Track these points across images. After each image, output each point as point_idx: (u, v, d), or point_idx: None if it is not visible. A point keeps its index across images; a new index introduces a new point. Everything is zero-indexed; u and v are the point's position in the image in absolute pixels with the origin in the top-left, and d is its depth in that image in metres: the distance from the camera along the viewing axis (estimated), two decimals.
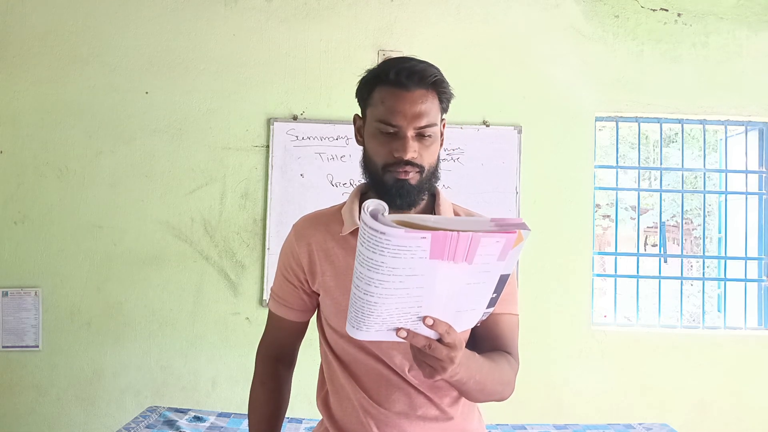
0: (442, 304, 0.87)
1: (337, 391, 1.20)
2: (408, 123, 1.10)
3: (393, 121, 1.10)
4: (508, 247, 0.81)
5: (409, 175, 1.12)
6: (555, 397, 2.81)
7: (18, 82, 2.78)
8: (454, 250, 0.77)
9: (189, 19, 2.82)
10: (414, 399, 1.14)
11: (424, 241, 0.75)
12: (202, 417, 2.20)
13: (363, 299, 0.82)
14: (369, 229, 0.74)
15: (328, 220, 1.22)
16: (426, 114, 1.11)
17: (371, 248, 0.75)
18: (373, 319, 0.85)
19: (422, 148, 1.12)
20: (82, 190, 2.78)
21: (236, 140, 2.82)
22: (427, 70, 1.13)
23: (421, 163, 1.12)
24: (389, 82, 1.11)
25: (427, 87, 1.12)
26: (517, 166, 2.83)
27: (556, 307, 2.80)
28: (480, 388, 1.04)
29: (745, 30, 2.92)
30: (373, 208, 0.75)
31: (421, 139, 1.12)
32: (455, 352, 0.90)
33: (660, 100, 2.90)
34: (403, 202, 1.14)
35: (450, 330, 0.89)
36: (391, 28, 2.85)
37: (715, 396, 2.83)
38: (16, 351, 2.75)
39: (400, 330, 0.87)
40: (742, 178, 3.05)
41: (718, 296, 3.16)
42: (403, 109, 1.10)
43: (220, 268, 2.80)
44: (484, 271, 0.84)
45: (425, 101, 1.11)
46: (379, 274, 0.78)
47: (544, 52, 2.88)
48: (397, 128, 1.11)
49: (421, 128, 1.11)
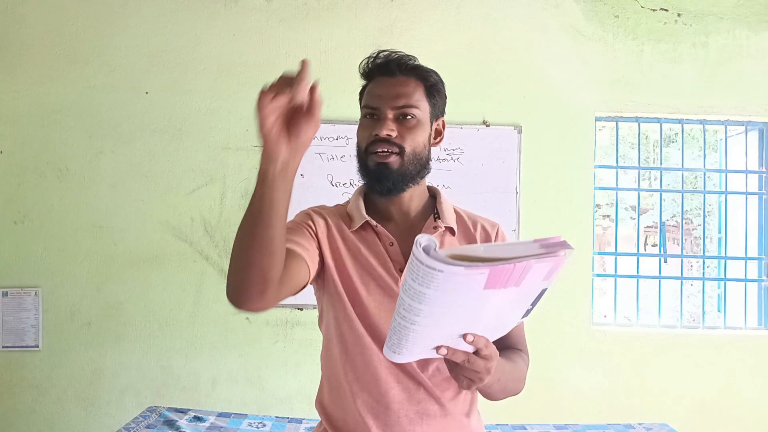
0: (483, 322, 0.87)
1: (335, 390, 1.19)
2: (385, 103, 1.15)
3: (372, 104, 1.17)
4: (555, 269, 0.81)
5: (390, 158, 1.14)
6: (555, 397, 2.81)
7: (18, 82, 2.78)
8: (508, 278, 0.77)
9: (189, 19, 2.82)
10: (413, 394, 1.14)
11: (482, 276, 0.73)
12: (202, 417, 2.21)
13: (408, 328, 0.81)
14: (424, 267, 0.72)
15: (335, 214, 1.24)
16: (405, 96, 1.15)
17: (425, 284, 0.73)
18: (416, 344, 0.85)
19: (402, 129, 1.15)
20: (82, 190, 2.78)
21: (236, 140, 2.82)
22: (407, 57, 1.19)
23: (400, 143, 1.14)
24: (377, 74, 1.19)
25: (409, 74, 1.18)
26: (517, 166, 2.83)
27: (556, 307, 2.80)
28: (502, 387, 1.10)
29: (745, 30, 2.92)
30: (426, 243, 0.73)
31: (402, 121, 1.15)
32: (491, 363, 0.93)
33: (660, 100, 2.90)
34: (383, 186, 1.17)
35: (488, 343, 0.91)
36: (391, 28, 2.85)
37: (715, 396, 2.83)
38: (16, 351, 2.75)
39: (441, 348, 0.88)
40: (742, 178, 3.05)
41: (718, 296, 3.16)
42: (382, 92, 1.16)
43: (220, 268, 2.80)
44: (529, 291, 0.85)
45: (406, 85, 1.16)
46: (431, 307, 0.77)
47: (544, 52, 2.88)
48: (376, 110, 1.16)
49: (398, 108, 1.15)
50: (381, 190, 1.18)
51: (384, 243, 1.19)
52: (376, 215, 1.21)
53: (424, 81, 1.18)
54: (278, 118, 0.83)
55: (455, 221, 1.24)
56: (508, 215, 2.80)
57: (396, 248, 1.19)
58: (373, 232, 1.20)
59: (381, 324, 1.13)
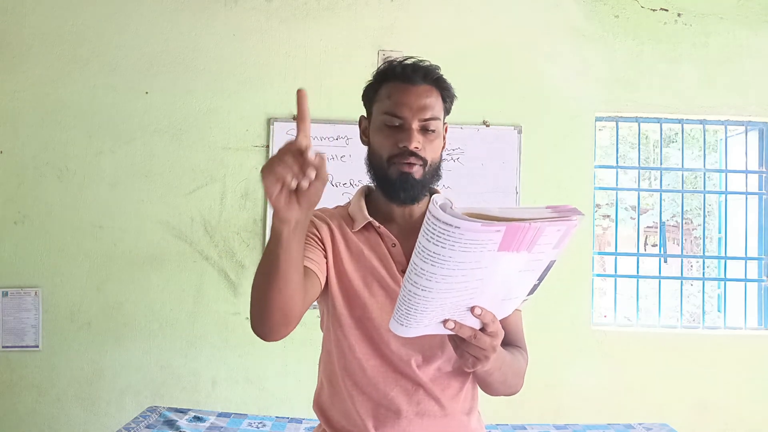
0: (492, 293, 0.86)
1: (334, 392, 1.19)
2: (413, 115, 1.13)
3: (399, 113, 1.14)
4: (566, 235, 0.80)
5: (413, 168, 1.13)
6: (555, 397, 2.81)
7: (18, 82, 2.78)
8: (521, 240, 0.76)
9: (189, 19, 2.82)
10: (413, 396, 1.14)
11: (497, 233, 0.73)
12: (202, 417, 2.21)
13: (418, 296, 0.80)
14: (441, 224, 0.71)
15: (336, 217, 1.23)
16: (430, 108, 1.15)
17: (440, 243, 0.73)
18: (425, 315, 0.83)
19: (426, 142, 1.14)
20: (82, 190, 2.78)
21: (236, 140, 2.81)
22: (431, 67, 1.18)
23: (424, 156, 1.14)
24: (396, 77, 1.16)
25: (431, 83, 1.17)
26: (517, 166, 2.83)
27: (556, 307, 2.80)
28: (503, 379, 1.10)
29: (745, 30, 2.92)
30: (442, 202, 0.73)
31: (425, 133, 1.15)
32: (497, 341, 0.93)
33: (660, 100, 2.90)
34: (406, 195, 1.16)
35: (495, 319, 0.91)
36: (391, 28, 2.85)
37: (715, 396, 2.83)
38: (16, 351, 2.75)
39: (448, 321, 0.87)
40: (742, 178, 3.05)
41: (718, 296, 3.16)
42: (408, 101, 1.14)
43: (220, 268, 2.80)
44: (538, 259, 0.84)
45: (430, 96, 1.15)
46: (444, 269, 0.76)
47: (544, 52, 2.88)
48: (402, 120, 1.14)
49: (425, 120, 1.14)
50: (404, 200, 1.17)
51: (386, 244, 1.19)
52: (378, 216, 1.21)
53: (443, 90, 1.19)
54: (285, 187, 0.82)
55: None
56: None
57: (398, 249, 1.18)
58: (376, 233, 1.20)
59: (383, 325, 1.13)
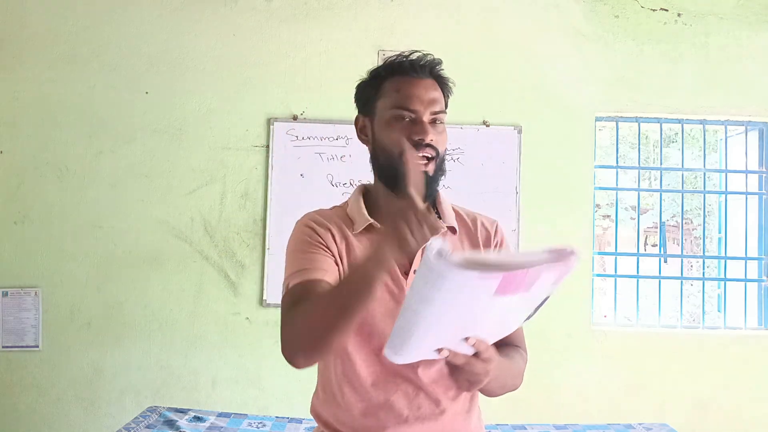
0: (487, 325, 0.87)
1: (333, 397, 1.18)
2: (425, 107, 1.13)
3: (411, 106, 1.13)
4: (563, 275, 0.82)
5: (428, 166, 1.12)
6: (555, 397, 2.81)
7: (18, 82, 2.78)
8: (519, 284, 0.77)
9: (189, 19, 2.82)
10: (413, 400, 1.13)
11: (494, 281, 0.73)
12: (202, 417, 2.21)
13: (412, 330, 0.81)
14: (437, 272, 0.71)
15: (335, 219, 1.21)
16: (439, 101, 1.15)
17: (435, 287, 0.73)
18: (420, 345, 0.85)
19: (435, 135, 1.14)
20: (82, 190, 2.78)
21: (236, 140, 2.81)
22: (435, 61, 1.18)
23: (438, 146, 1.14)
24: (402, 72, 1.16)
25: (435, 77, 1.17)
26: (517, 166, 2.83)
27: (556, 307, 2.78)
28: (501, 384, 1.12)
29: (745, 30, 2.92)
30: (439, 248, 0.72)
31: (435, 126, 1.14)
32: (491, 366, 0.95)
33: (660, 100, 2.90)
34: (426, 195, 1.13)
35: (488, 347, 0.92)
36: (391, 28, 2.85)
37: (715, 396, 2.83)
38: (16, 351, 2.75)
39: (442, 350, 0.88)
40: (742, 178, 3.05)
41: (718, 296, 3.16)
42: (419, 95, 1.13)
43: (220, 268, 2.80)
44: (535, 297, 0.86)
45: (436, 89, 1.16)
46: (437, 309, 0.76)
47: (544, 52, 2.88)
48: (414, 113, 1.13)
49: (435, 113, 1.14)
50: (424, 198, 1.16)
51: None
52: (378, 215, 1.20)
53: (444, 86, 1.19)
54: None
55: (455, 220, 1.24)
56: (508, 215, 2.80)
57: None
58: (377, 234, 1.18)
59: (385, 328, 1.11)
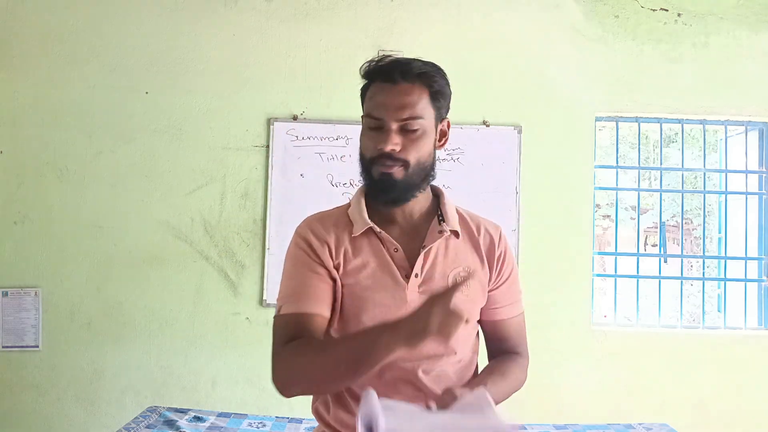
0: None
1: (333, 398, 1.18)
2: (390, 115, 1.10)
3: (375, 114, 1.11)
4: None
5: (393, 168, 1.11)
6: (555, 397, 2.81)
7: (18, 82, 2.78)
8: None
9: (189, 19, 2.82)
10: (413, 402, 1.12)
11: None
12: (202, 417, 2.20)
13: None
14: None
15: (336, 221, 1.20)
16: (410, 106, 1.10)
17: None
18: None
19: (407, 142, 1.11)
20: (82, 190, 2.78)
21: (236, 140, 2.81)
22: (413, 63, 1.12)
23: (404, 157, 1.11)
24: (378, 77, 1.13)
25: (413, 80, 1.11)
26: (517, 166, 2.83)
27: (556, 307, 2.80)
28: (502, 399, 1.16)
29: (745, 30, 2.91)
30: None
31: (406, 133, 1.11)
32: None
33: (660, 100, 2.90)
34: (387, 197, 1.15)
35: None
36: (391, 28, 2.85)
37: (715, 396, 2.83)
38: (16, 351, 2.75)
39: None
40: (742, 178, 3.05)
41: (718, 296, 3.15)
42: (385, 102, 1.11)
43: (220, 268, 2.80)
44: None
45: (410, 94, 1.11)
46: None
47: (544, 52, 2.88)
48: (380, 121, 1.11)
49: (403, 120, 1.10)
50: (386, 201, 1.16)
51: (388, 249, 1.17)
52: (378, 218, 1.19)
53: (429, 87, 1.13)
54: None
55: (459, 223, 1.22)
56: (508, 215, 2.80)
57: (401, 254, 1.17)
58: (377, 237, 1.18)
59: None
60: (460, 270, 1.18)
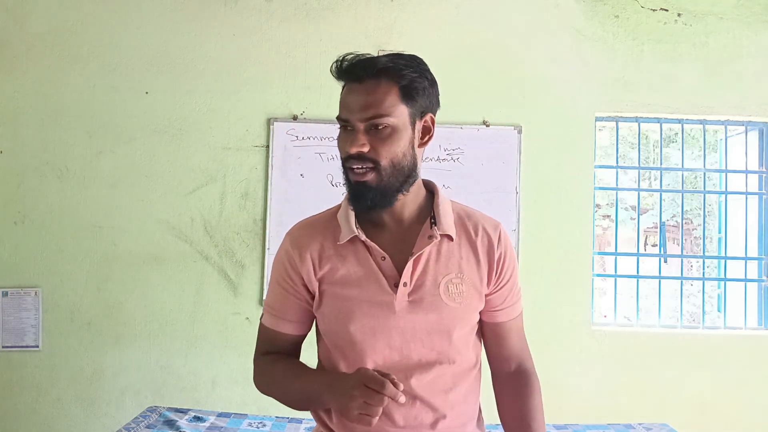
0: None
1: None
2: (354, 115, 1.06)
3: (342, 115, 1.09)
4: None
5: (366, 176, 1.06)
6: (555, 397, 2.79)
7: (18, 82, 2.78)
8: None
9: (189, 19, 2.82)
10: (410, 409, 1.11)
11: None
12: (202, 417, 2.20)
13: None
14: None
15: (324, 227, 1.18)
16: (374, 105, 1.05)
17: None
18: None
19: (376, 141, 1.06)
20: (82, 190, 2.78)
21: (236, 140, 2.81)
22: (380, 60, 1.08)
23: (374, 157, 1.06)
24: (346, 77, 1.10)
25: (378, 76, 1.06)
26: (517, 166, 2.83)
27: (556, 307, 2.80)
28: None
29: (745, 30, 2.91)
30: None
31: (375, 133, 1.06)
32: None
33: (660, 100, 2.90)
34: (361, 205, 1.10)
35: None
36: (391, 28, 2.85)
37: (715, 396, 2.83)
38: (16, 351, 2.75)
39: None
40: (742, 178, 3.05)
41: (718, 296, 3.16)
42: (348, 102, 1.08)
43: (220, 268, 2.80)
44: None
45: (374, 92, 1.06)
46: None
47: (544, 52, 2.88)
48: (347, 123, 1.08)
49: (368, 119, 1.05)
50: (361, 209, 1.11)
51: (375, 258, 1.13)
52: (367, 222, 1.15)
53: (396, 82, 1.07)
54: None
55: (454, 223, 1.17)
56: (508, 215, 2.80)
57: (388, 263, 1.12)
58: (364, 245, 1.13)
59: (376, 344, 1.11)
60: (453, 276, 1.13)
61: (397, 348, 1.11)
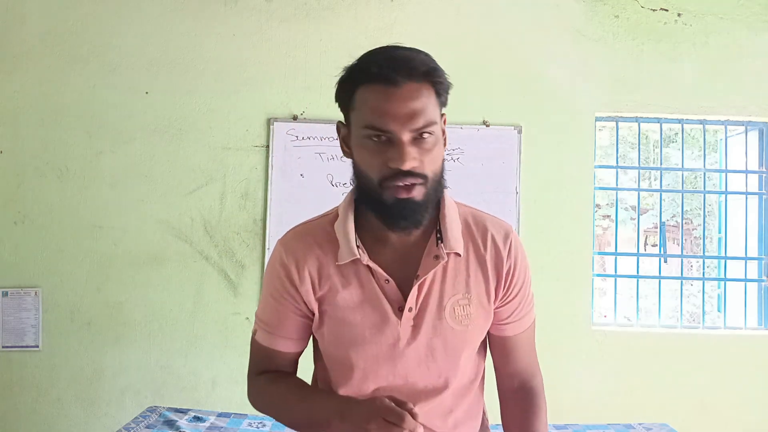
0: None
1: None
2: (401, 126, 0.92)
3: (383, 126, 0.92)
4: None
5: (412, 191, 0.94)
6: (555, 397, 2.77)
7: (18, 82, 2.78)
8: None
9: (189, 19, 2.82)
10: None
11: None
12: (202, 417, 2.20)
13: None
14: None
15: (320, 240, 1.08)
16: (422, 112, 0.92)
17: None
18: None
19: (423, 153, 0.94)
20: (82, 190, 2.78)
21: (236, 140, 2.81)
22: (417, 59, 0.95)
23: (423, 171, 0.94)
24: (372, 79, 0.94)
25: (420, 79, 0.94)
26: (517, 166, 2.83)
27: (556, 307, 2.80)
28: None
29: (745, 30, 2.91)
30: None
31: (421, 143, 0.94)
32: None
33: (660, 100, 2.90)
34: (408, 223, 0.99)
35: None
36: (391, 28, 2.85)
37: (715, 396, 2.83)
38: (16, 351, 2.75)
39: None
40: (742, 178, 3.04)
41: (718, 296, 3.16)
42: (393, 110, 0.92)
43: (220, 268, 2.80)
44: None
45: (419, 96, 0.93)
46: None
47: (544, 52, 2.88)
48: (389, 134, 0.93)
49: (418, 130, 0.93)
50: (405, 227, 1.00)
51: (378, 280, 1.04)
52: (369, 238, 1.05)
53: (436, 84, 0.96)
54: None
55: (462, 234, 1.07)
56: (508, 215, 2.80)
57: (392, 286, 1.04)
58: (366, 266, 1.04)
59: (379, 370, 1.06)
60: (459, 297, 1.05)
61: (402, 375, 1.07)
